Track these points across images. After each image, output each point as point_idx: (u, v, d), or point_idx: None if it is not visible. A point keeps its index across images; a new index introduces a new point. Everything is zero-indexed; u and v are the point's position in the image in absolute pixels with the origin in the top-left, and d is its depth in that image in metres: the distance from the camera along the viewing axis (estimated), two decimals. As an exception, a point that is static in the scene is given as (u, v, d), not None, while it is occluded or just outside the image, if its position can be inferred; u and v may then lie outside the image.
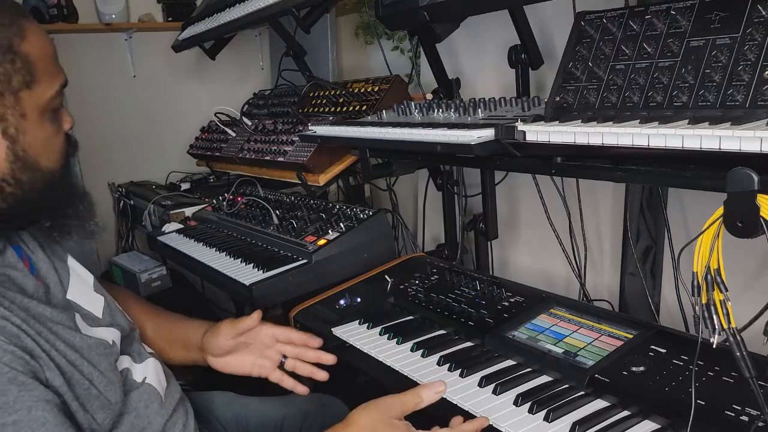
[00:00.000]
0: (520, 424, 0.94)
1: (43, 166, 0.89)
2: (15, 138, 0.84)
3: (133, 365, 1.03)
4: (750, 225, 0.75)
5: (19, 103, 0.85)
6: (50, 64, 0.89)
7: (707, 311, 0.78)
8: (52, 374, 0.82)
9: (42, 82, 0.87)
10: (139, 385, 1.01)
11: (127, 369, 1.01)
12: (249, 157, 2.19)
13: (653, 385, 0.95)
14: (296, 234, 1.67)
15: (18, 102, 0.84)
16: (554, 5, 1.34)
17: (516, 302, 1.31)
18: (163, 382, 1.07)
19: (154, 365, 1.07)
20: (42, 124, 0.88)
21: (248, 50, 3.32)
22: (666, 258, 1.52)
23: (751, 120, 0.82)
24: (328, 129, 1.66)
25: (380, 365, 1.19)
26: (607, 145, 0.93)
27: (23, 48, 0.84)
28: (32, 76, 0.85)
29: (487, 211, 1.82)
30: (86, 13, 2.82)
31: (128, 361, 1.02)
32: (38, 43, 0.87)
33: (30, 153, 0.86)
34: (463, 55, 2.14)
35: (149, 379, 1.04)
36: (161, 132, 3.16)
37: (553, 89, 1.16)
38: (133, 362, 1.03)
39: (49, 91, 0.88)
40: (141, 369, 1.04)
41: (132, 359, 1.04)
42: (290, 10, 1.92)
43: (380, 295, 1.46)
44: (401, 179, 2.17)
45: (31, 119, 0.86)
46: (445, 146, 1.19)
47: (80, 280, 1.02)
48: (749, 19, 0.91)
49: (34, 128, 0.86)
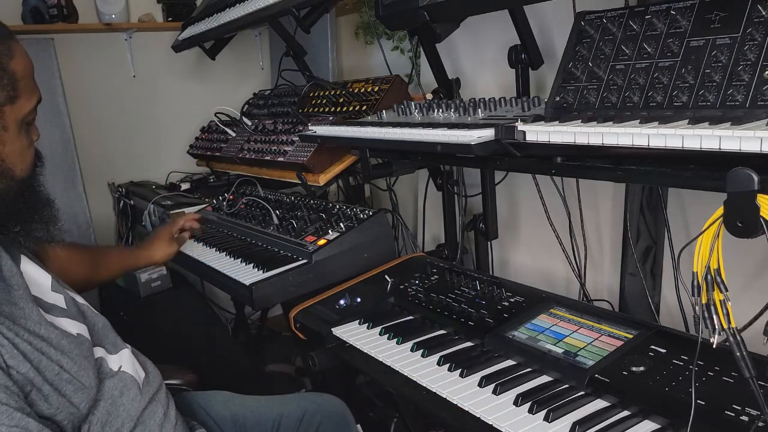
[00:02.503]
0: (520, 424, 0.94)
1: (17, 175, 0.95)
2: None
3: (108, 356, 1.06)
4: (750, 225, 0.75)
5: (2, 117, 0.91)
6: (30, 82, 0.96)
7: (707, 311, 0.78)
8: (16, 361, 0.86)
9: (23, 97, 0.93)
10: (114, 374, 1.04)
11: (101, 358, 1.04)
12: (249, 157, 2.19)
13: (653, 385, 0.95)
14: (296, 234, 1.67)
15: (1, 115, 0.90)
16: (554, 5, 1.34)
17: (516, 302, 1.31)
18: (140, 372, 1.10)
19: (129, 356, 1.10)
20: (19, 136, 0.94)
21: (248, 50, 3.32)
22: (666, 258, 1.52)
23: (751, 120, 0.82)
24: (328, 129, 1.66)
25: (380, 365, 1.19)
26: (607, 145, 0.93)
27: (11, 66, 0.91)
28: (16, 91, 0.92)
29: (487, 211, 1.82)
30: (86, 13, 2.81)
31: (102, 352, 1.05)
32: (23, 61, 0.94)
33: (7, 162, 0.92)
34: (463, 55, 2.14)
35: (125, 368, 1.07)
36: (161, 132, 3.16)
37: (553, 89, 1.16)
38: (107, 353, 1.06)
39: (28, 106, 0.95)
40: (116, 359, 1.07)
41: (106, 350, 1.07)
42: (290, 10, 1.92)
43: (380, 295, 1.46)
44: (401, 179, 2.17)
45: (10, 132, 0.92)
46: (445, 146, 1.19)
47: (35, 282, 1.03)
48: (749, 19, 0.91)
49: (13, 140, 0.93)
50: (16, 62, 0.92)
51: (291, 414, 1.32)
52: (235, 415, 1.32)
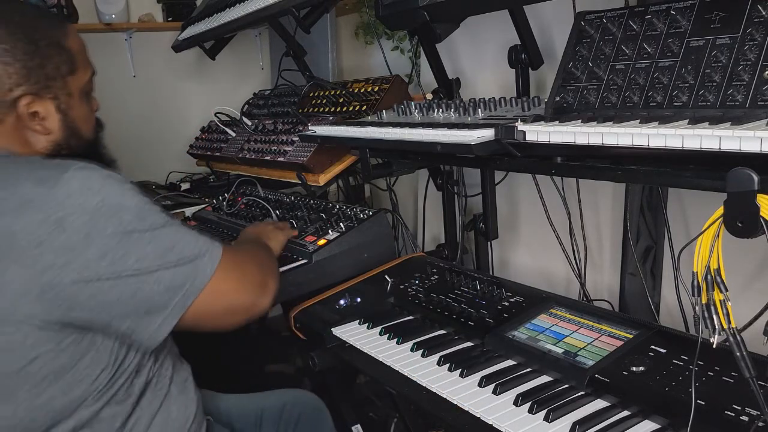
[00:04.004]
0: (520, 424, 0.94)
1: (84, 136, 1.14)
2: (66, 112, 1.09)
3: None
4: (750, 225, 0.75)
5: (66, 86, 1.09)
6: (85, 56, 1.15)
7: (707, 311, 0.78)
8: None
9: (80, 69, 1.12)
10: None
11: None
12: (249, 157, 2.19)
13: (653, 385, 0.95)
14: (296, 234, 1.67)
15: (65, 85, 1.09)
16: (554, 5, 1.34)
17: (516, 302, 1.31)
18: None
19: None
20: (81, 103, 1.14)
21: (248, 50, 3.32)
22: (666, 258, 1.52)
23: (751, 120, 0.82)
24: (328, 129, 1.66)
25: (380, 365, 1.19)
26: (607, 145, 0.93)
27: (67, 44, 1.10)
28: (74, 65, 1.10)
29: (487, 211, 1.82)
30: (86, 13, 2.81)
31: None
32: (77, 40, 1.13)
33: (76, 124, 1.12)
34: (463, 55, 2.14)
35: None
36: (161, 132, 3.16)
37: (553, 89, 1.16)
38: None
39: (85, 77, 1.14)
40: None
41: None
42: (290, 10, 1.92)
43: (380, 295, 1.46)
44: (401, 179, 2.17)
45: (75, 98, 1.11)
46: (445, 146, 1.19)
47: None
48: (749, 19, 0.91)
49: (77, 105, 1.12)
50: (72, 41, 1.11)
51: (272, 407, 1.43)
52: (218, 408, 1.38)
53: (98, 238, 0.89)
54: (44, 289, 0.87)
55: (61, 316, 0.89)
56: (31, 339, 0.89)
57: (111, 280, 0.90)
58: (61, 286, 0.88)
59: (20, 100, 1.03)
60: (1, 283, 0.87)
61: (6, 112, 1.02)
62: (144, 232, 0.93)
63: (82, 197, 0.89)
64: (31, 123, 1.05)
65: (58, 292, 0.88)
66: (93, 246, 0.89)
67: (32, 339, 0.89)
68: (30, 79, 1.03)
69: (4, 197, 0.90)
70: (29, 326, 0.88)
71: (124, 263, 0.90)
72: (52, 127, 1.07)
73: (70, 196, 0.89)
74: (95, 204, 0.90)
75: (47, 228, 0.87)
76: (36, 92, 1.04)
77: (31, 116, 1.05)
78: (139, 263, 0.92)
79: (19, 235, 0.87)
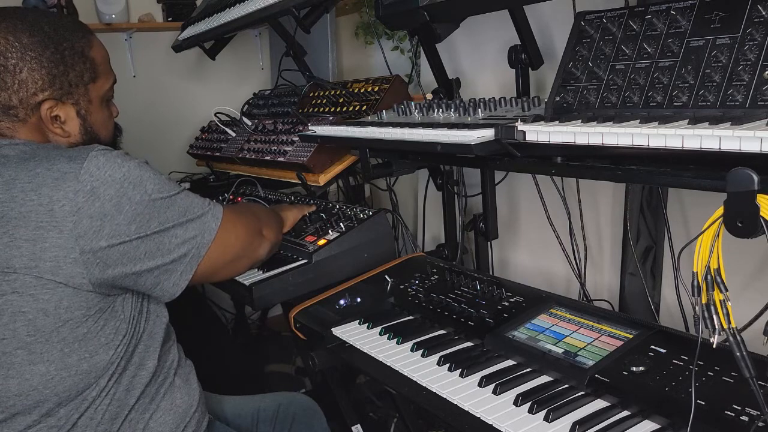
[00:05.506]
0: (520, 424, 0.94)
1: (102, 139, 1.23)
2: (85, 117, 1.19)
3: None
4: (750, 225, 0.75)
5: (87, 93, 1.18)
6: (107, 66, 1.24)
7: (707, 311, 0.78)
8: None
9: (101, 78, 1.21)
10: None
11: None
12: (249, 157, 2.19)
13: (653, 385, 0.95)
14: (296, 234, 1.67)
15: (87, 92, 1.18)
16: (554, 5, 1.34)
17: (516, 302, 1.31)
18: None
19: None
20: (101, 109, 1.23)
21: (248, 50, 3.32)
22: (666, 258, 1.52)
23: (751, 120, 0.82)
24: (328, 129, 1.66)
25: (380, 365, 1.19)
26: (607, 145, 0.93)
27: (91, 54, 1.18)
28: (96, 74, 1.19)
29: (487, 211, 1.82)
30: (86, 13, 2.81)
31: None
32: (100, 50, 1.22)
33: (94, 129, 1.21)
34: (463, 55, 2.14)
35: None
36: (161, 132, 3.16)
37: (553, 89, 1.16)
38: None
39: (106, 85, 1.23)
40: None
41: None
42: (290, 10, 1.92)
43: (380, 295, 1.46)
44: (401, 179, 2.17)
45: (94, 105, 1.20)
46: (445, 146, 1.19)
47: None
48: (749, 19, 0.91)
49: (97, 111, 1.21)
50: (95, 51, 1.19)
51: (267, 408, 1.50)
52: (215, 410, 1.41)
53: (127, 205, 1.02)
54: (83, 250, 0.99)
55: (99, 274, 1.01)
56: (66, 302, 1.00)
57: (138, 239, 1.04)
58: (97, 247, 1.00)
59: (43, 104, 1.12)
60: (42, 248, 0.97)
61: (30, 113, 1.12)
62: (165, 199, 1.07)
63: (110, 169, 1.01)
64: (52, 126, 1.15)
65: (95, 252, 1.00)
66: (123, 212, 1.01)
67: (66, 302, 1.00)
68: (54, 85, 1.12)
69: (41, 172, 1.00)
70: (67, 289, 0.99)
71: (149, 226, 1.05)
72: (71, 130, 1.18)
73: (100, 168, 1.01)
74: (122, 175, 1.02)
75: (83, 197, 0.98)
76: (58, 97, 1.14)
77: (52, 119, 1.14)
78: (161, 225, 1.07)
79: (58, 204, 0.98)
